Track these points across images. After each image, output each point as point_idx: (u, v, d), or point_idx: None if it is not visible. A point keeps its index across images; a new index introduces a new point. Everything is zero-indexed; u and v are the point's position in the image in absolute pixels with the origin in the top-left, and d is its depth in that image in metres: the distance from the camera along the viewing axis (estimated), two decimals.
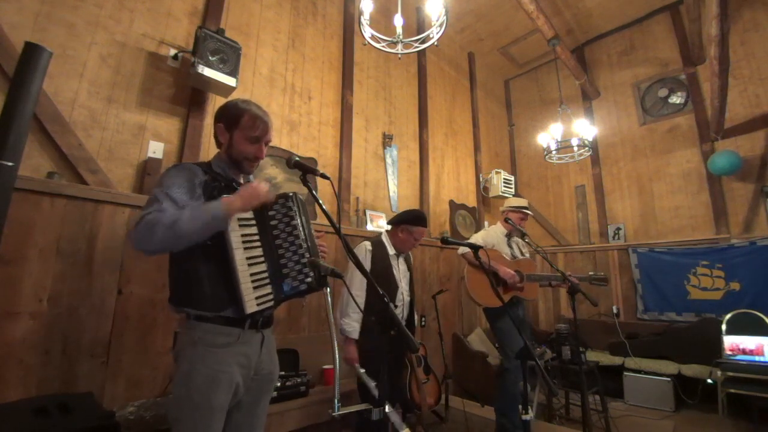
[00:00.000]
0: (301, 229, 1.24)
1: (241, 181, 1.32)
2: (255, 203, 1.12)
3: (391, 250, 2.23)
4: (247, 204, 1.10)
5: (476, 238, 2.84)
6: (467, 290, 2.65)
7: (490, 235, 2.88)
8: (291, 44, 3.20)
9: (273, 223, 1.22)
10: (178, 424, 1.08)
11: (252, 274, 1.14)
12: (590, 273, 2.59)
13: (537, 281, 2.72)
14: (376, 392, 1.36)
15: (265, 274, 1.18)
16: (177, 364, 1.13)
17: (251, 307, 1.11)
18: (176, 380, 1.11)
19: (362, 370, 1.94)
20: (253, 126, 1.25)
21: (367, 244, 2.20)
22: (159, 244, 1.02)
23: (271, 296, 1.17)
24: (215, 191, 1.18)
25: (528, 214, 2.90)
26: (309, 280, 1.18)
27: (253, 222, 1.20)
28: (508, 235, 2.89)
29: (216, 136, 1.29)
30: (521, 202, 2.97)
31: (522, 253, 2.91)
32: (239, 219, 1.16)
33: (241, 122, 1.25)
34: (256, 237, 1.19)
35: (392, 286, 2.15)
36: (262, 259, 1.18)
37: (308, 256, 1.21)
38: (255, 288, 1.14)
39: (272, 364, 1.30)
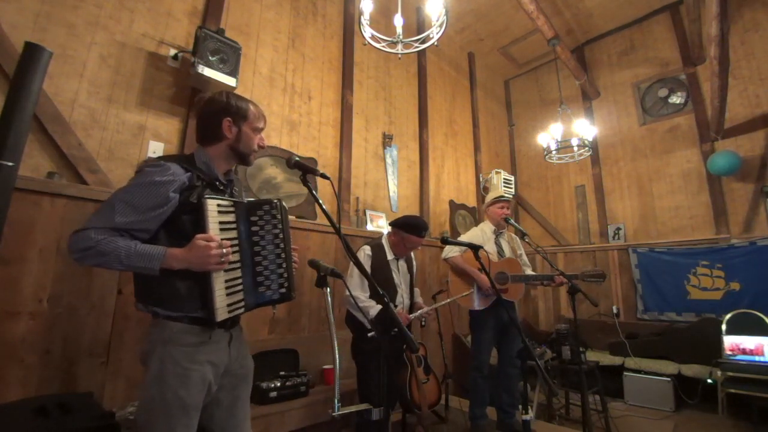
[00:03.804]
0: (282, 237, 1.22)
1: (222, 179, 1.25)
2: (198, 269, 1.05)
3: (390, 255, 2.24)
4: (191, 267, 1.04)
5: (462, 239, 2.80)
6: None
7: (476, 235, 2.80)
8: (291, 44, 3.20)
9: (254, 228, 1.18)
10: (150, 427, 1.04)
11: (226, 281, 1.10)
12: (584, 270, 2.51)
13: (522, 282, 2.66)
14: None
15: (239, 281, 1.13)
16: (147, 365, 1.09)
17: (222, 314, 1.07)
18: (147, 381, 1.06)
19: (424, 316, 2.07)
20: (258, 118, 1.27)
21: (367, 249, 2.20)
22: (89, 263, 1.02)
23: (242, 303, 1.14)
24: (194, 195, 1.12)
25: (505, 200, 2.80)
26: (283, 290, 1.18)
27: (234, 226, 1.15)
28: (498, 233, 2.81)
29: (213, 131, 1.21)
30: (496, 192, 2.92)
31: (513, 250, 2.83)
32: (221, 223, 1.10)
33: (249, 115, 1.24)
34: (236, 242, 1.14)
35: (391, 290, 2.16)
36: (238, 264, 1.14)
37: (285, 265, 1.20)
38: (228, 295, 1.09)
39: (245, 358, 1.28)
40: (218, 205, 1.11)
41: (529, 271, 2.80)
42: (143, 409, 1.07)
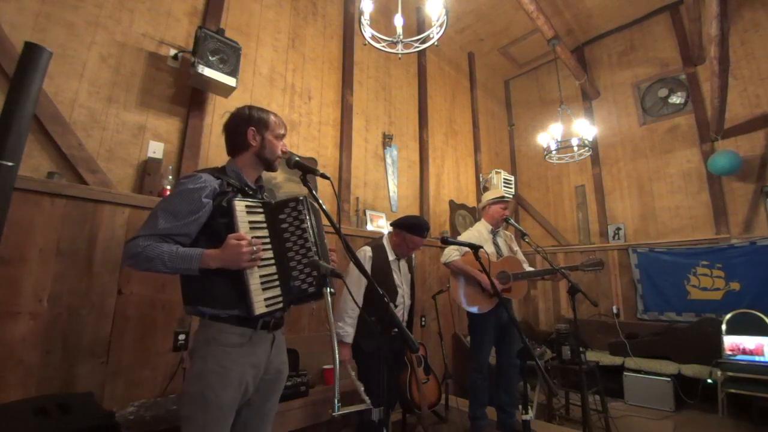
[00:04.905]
0: (310, 232, 1.25)
1: (252, 185, 1.35)
2: (232, 267, 1.12)
3: (391, 255, 2.23)
4: (226, 265, 1.12)
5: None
6: (452, 298, 2.66)
7: (472, 236, 2.75)
8: (291, 44, 3.20)
9: (283, 226, 1.24)
10: (188, 422, 1.10)
11: (261, 276, 1.16)
12: (583, 261, 2.49)
13: (524, 279, 2.65)
14: (365, 397, 1.37)
15: (275, 277, 1.19)
16: (191, 362, 1.17)
17: (260, 308, 1.13)
18: (189, 378, 1.14)
19: (353, 373, 1.96)
20: (279, 125, 1.38)
21: (368, 250, 2.19)
22: (139, 268, 1.12)
23: (280, 298, 1.18)
24: (225, 200, 1.20)
25: (507, 200, 2.79)
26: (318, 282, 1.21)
27: (264, 225, 1.22)
28: (494, 232, 2.79)
29: (240, 141, 1.32)
30: (497, 192, 2.90)
31: (511, 249, 2.82)
32: (251, 222, 1.18)
33: (270, 124, 1.34)
34: (267, 240, 1.21)
35: (391, 291, 2.15)
36: (272, 261, 1.20)
37: (317, 259, 1.23)
38: (264, 290, 1.15)
39: (281, 363, 1.33)
40: (246, 206, 1.19)
41: (527, 267, 2.78)
42: (184, 405, 1.15)
